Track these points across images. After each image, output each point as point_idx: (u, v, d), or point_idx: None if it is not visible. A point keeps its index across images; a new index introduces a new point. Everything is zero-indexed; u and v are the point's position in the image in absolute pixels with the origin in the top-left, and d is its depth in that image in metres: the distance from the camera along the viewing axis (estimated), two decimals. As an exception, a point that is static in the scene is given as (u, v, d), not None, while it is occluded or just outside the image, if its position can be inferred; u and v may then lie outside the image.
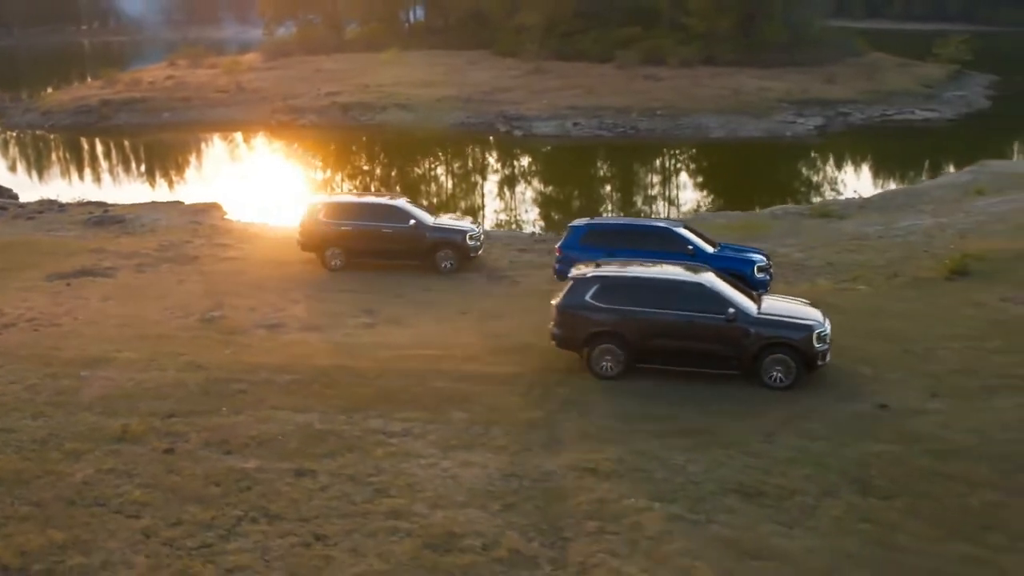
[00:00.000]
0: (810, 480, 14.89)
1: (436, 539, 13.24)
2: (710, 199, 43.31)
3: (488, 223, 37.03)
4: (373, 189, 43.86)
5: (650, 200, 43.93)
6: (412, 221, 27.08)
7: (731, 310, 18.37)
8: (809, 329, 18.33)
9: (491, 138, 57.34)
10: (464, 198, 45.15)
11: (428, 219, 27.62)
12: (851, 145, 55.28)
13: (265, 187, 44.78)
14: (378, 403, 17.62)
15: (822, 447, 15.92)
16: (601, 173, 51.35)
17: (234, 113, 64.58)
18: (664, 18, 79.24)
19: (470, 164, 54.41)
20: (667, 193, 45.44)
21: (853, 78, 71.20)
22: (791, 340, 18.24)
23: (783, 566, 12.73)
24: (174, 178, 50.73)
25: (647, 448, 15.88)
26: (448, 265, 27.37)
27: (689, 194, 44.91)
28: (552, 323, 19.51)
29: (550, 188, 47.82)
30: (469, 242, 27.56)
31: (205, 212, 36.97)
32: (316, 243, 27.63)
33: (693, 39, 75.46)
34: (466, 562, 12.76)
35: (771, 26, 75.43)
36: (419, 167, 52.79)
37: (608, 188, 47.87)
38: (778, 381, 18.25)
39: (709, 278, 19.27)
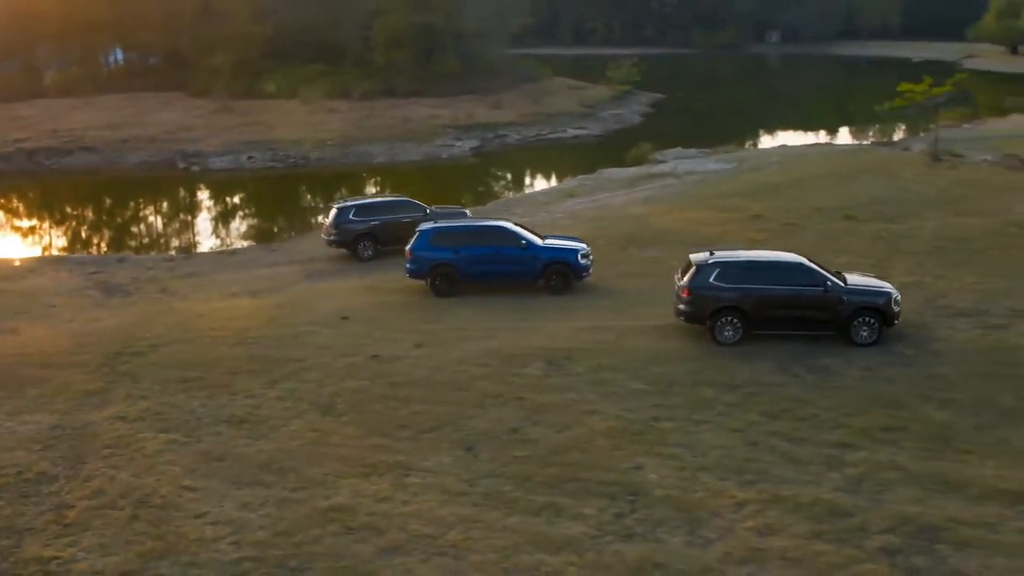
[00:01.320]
0: (288, 410, 20.27)
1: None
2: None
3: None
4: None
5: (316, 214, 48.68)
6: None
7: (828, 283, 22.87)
8: (889, 295, 23.03)
9: (169, 175, 60.73)
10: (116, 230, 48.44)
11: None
12: (498, 162, 62.30)
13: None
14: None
15: (310, 388, 21.35)
16: (261, 200, 55.97)
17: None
18: (349, 54, 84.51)
19: (138, 201, 57.31)
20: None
21: (520, 103, 78.94)
22: (876, 304, 22.85)
23: (238, 462, 17.98)
24: None
25: (173, 400, 20.88)
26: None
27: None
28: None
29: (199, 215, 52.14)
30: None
31: None
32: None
33: (375, 73, 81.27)
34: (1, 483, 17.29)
35: (446, 59, 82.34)
36: (91, 208, 55.59)
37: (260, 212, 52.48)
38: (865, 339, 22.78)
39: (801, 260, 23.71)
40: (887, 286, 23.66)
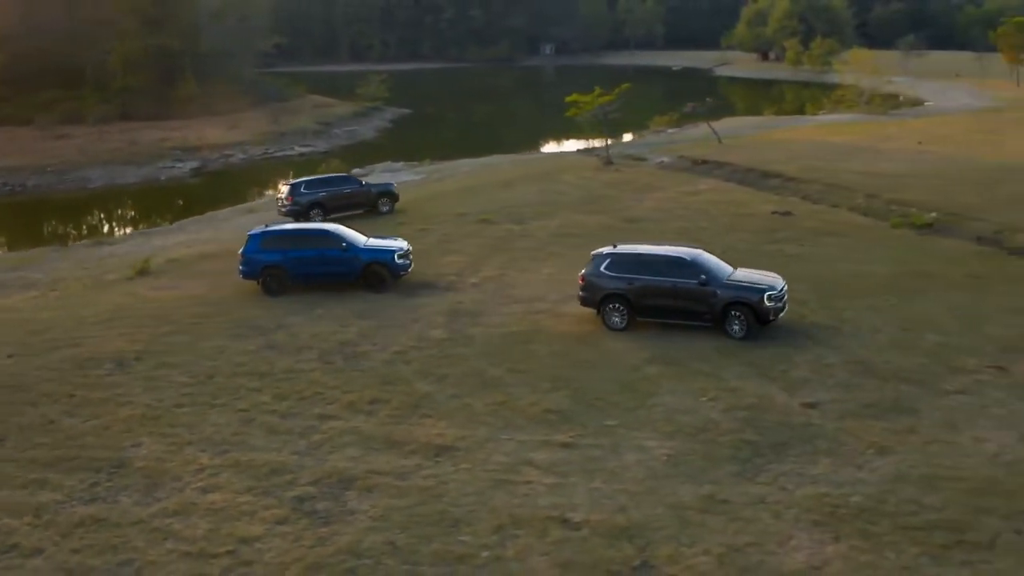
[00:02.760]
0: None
1: None
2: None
3: None
4: None
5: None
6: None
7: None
8: (762, 292, 24.04)
9: None
10: None
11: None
12: (215, 182, 63.98)
13: None
14: None
15: None
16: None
17: None
18: (88, 79, 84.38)
19: None
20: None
21: (258, 122, 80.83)
22: (748, 300, 23.97)
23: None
24: None
25: None
26: None
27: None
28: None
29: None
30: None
31: None
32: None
33: (113, 97, 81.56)
34: None
35: (184, 81, 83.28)
36: None
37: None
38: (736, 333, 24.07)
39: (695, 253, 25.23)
40: (765, 284, 24.73)
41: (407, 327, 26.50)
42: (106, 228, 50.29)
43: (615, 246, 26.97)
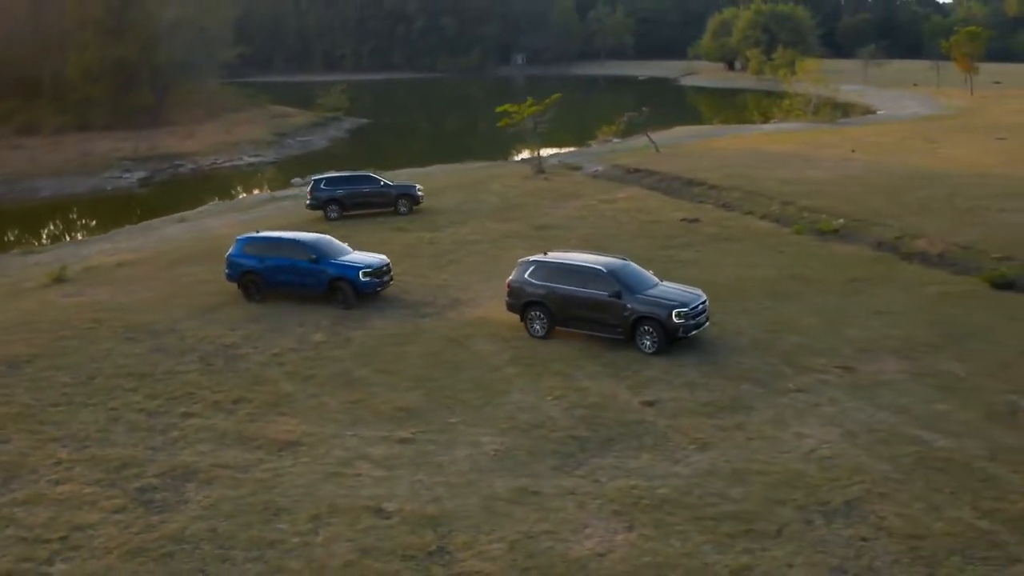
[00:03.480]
0: None
1: None
2: None
3: None
4: None
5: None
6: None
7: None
8: (670, 309, 24.09)
9: None
10: None
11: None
12: (160, 192, 64.75)
13: None
14: None
15: None
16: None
17: None
18: (46, 89, 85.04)
19: None
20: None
21: (213, 132, 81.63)
22: (656, 316, 24.03)
23: None
24: None
25: None
26: None
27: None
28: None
29: None
30: None
31: None
32: None
33: (70, 107, 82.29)
34: None
35: (141, 92, 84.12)
36: None
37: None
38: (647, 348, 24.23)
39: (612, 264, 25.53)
40: (677, 300, 24.67)
41: (291, 331, 27.51)
42: (44, 238, 50.88)
43: (545, 253, 27.46)
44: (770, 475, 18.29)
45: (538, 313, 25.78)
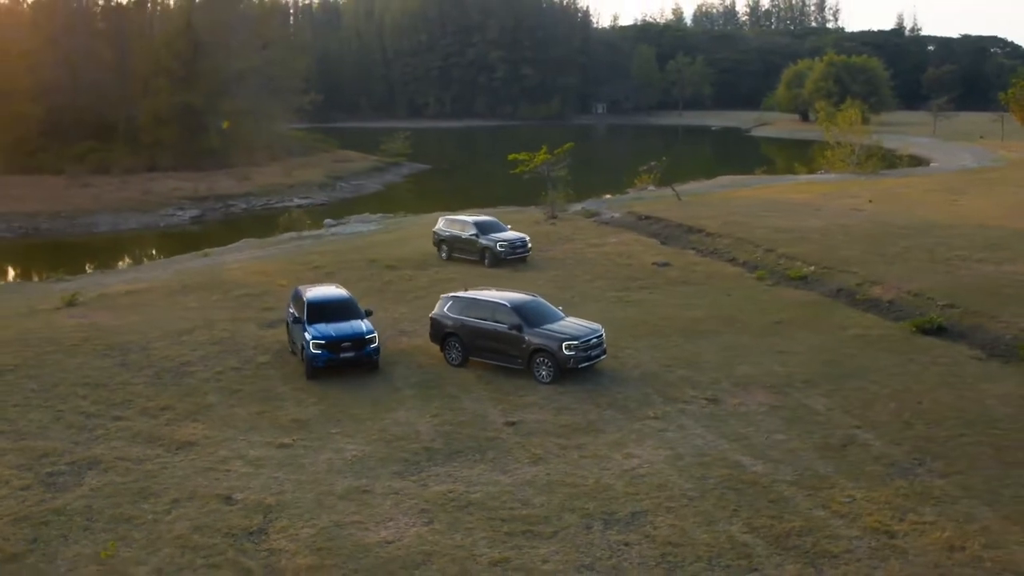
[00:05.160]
0: None
1: None
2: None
3: None
4: None
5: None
6: None
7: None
8: (560, 341, 26.29)
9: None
10: None
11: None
12: (209, 230, 69.36)
13: None
14: None
15: None
16: None
17: None
18: (120, 132, 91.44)
19: None
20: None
21: (271, 175, 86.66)
22: (549, 348, 26.30)
23: None
24: None
25: None
26: None
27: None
28: None
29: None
30: None
31: None
32: None
33: (141, 150, 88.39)
34: None
35: (207, 136, 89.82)
36: None
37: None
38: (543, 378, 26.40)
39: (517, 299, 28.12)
40: (568, 333, 26.78)
41: (242, 352, 30.90)
42: (85, 267, 55.60)
43: (466, 289, 30.69)
44: (578, 487, 20.58)
45: (454, 343, 28.35)
